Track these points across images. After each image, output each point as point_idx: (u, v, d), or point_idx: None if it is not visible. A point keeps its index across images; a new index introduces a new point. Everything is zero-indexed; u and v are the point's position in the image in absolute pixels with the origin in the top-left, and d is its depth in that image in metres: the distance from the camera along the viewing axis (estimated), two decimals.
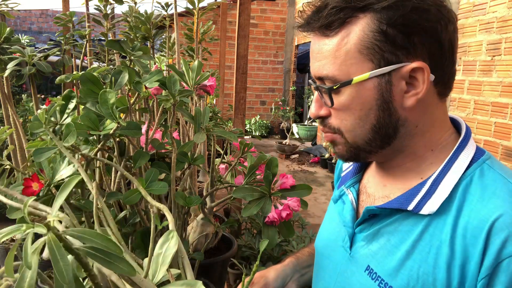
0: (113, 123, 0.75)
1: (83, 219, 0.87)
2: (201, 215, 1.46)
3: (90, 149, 0.83)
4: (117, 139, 0.95)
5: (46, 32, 13.07)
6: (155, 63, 1.80)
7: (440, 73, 0.62)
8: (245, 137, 1.50)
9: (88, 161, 0.80)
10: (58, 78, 1.03)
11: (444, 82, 0.63)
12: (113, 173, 1.03)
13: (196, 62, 1.12)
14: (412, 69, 0.59)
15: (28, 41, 2.07)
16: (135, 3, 1.80)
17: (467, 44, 3.12)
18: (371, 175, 0.77)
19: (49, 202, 0.72)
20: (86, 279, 1.23)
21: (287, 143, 6.86)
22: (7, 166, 1.12)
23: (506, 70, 2.72)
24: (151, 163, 1.02)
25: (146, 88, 0.91)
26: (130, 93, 0.91)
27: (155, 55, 2.00)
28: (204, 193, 1.26)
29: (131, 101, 0.89)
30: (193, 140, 0.98)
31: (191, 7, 1.87)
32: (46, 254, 1.40)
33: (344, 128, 0.65)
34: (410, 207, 0.62)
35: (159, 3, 1.85)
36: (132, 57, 0.89)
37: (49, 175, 0.72)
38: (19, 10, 1.80)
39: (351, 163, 0.84)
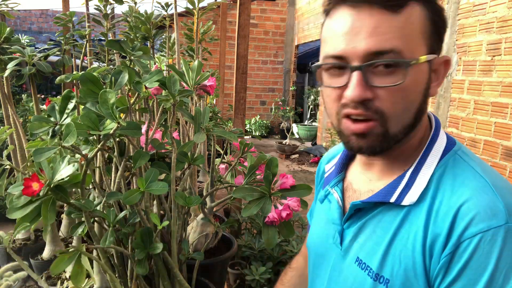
0: (113, 123, 0.75)
1: (83, 219, 0.87)
2: (201, 215, 1.46)
3: (90, 149, 0.83)
4: (117, 139, 0.95)
5: (46, 32, 13.06)
6: (155, 63, 1.80)
7: None
8: (245, 137, 1.50)
9: (88, 161, 0.80)
10: (58, 78, 1.03)
11: None
12: (113, 173, 1.03)
13: (196, 62, 1.12)
14: (444, 61, 0.64)
15: (28, 41, 2.06)
16: (135, 3, 1.80)
17: (467, 44, 3.12)
18: (357, 171, 0.79)
19: (49, 202, 0.72)
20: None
21: (287, 143, 6.86)
22: (7, 166, 1.12)
23: (506, 70, 2.72)
24: (151, 163, 1.02)
25: (146, 88, 0.91)
26: (130, 93, 0.91)
27: (155, 55, 2.00)
28: (204, 193, 1.26)
29: (131, 101, 0.89)
30: (193, 140, 0.98)
31: (191, 7, 1.87)
32: (46, 254, 1.40)
33: (393, 112, 0.62)
34: (392, 199, 0.66)
35: (159, 3, 1.85)
36: (132, 57, 0.89)
37: (49, 175, 0.72)
38: (19, 10, 1.80)
39: (326, 163, 0.89)
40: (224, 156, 1.44)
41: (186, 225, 1.13)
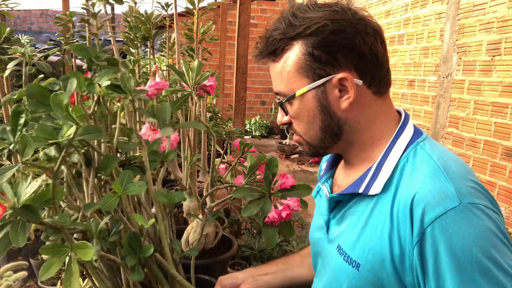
0: (72, 127, 0.69)
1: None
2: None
3: (53, 161, 0.73)
4: (82, 150, 0.86)
5: (46, 32, 13.07)
6: (155, 63, 1.80)
7: (369, 77, 0.74)
8: (245, 137, 1.50)
9: (54, 173, 0.72)
10: (3, 100, 0.94)
11: (376, 83, 0.75)
12: (84, 186, 0.91)
13: (196, 62, 1.12)
14: (338, 79, 0.72)
15: (28, 41, 2.07)
16: (135, 3, 1.80)
17: (467, 44, 3.11)
18: (340, 169, 0.89)
19: (18, 225, 0.65)
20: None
21: (287, 143, 6.86)
22: None
23: (506, 70, 2.71)
24: (122, 168, 0.94)
25: (100, 86, 0.83)
26: (85, 96, 0.82)
27: (155, 55, 2.00)
28: (204, 193, 1.26)
29: (91, 105, 0.81)
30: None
31: (191, 7, 1.87)
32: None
33: (301, 131, 0.80)
34: (360, 190, 0.74)
35: (159, 3, 1.85)
36: (97, 67, 0.81)
37: (13, 197, 0.65)
38: (19, 10, 1.80)
39: (324, 162, 1.00)
40: (224, 156, 1.44)
41: (174, 225, 1.10)
